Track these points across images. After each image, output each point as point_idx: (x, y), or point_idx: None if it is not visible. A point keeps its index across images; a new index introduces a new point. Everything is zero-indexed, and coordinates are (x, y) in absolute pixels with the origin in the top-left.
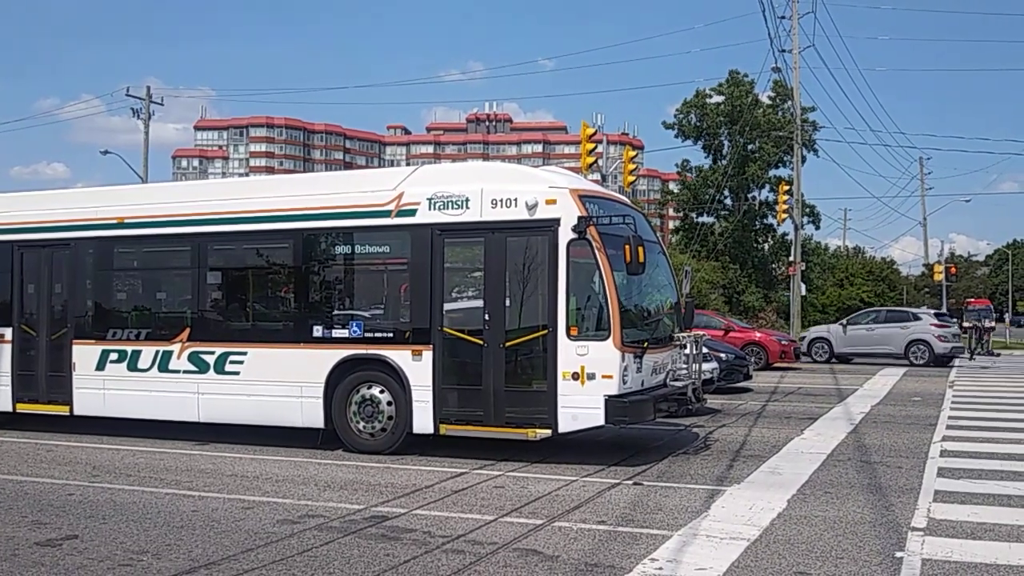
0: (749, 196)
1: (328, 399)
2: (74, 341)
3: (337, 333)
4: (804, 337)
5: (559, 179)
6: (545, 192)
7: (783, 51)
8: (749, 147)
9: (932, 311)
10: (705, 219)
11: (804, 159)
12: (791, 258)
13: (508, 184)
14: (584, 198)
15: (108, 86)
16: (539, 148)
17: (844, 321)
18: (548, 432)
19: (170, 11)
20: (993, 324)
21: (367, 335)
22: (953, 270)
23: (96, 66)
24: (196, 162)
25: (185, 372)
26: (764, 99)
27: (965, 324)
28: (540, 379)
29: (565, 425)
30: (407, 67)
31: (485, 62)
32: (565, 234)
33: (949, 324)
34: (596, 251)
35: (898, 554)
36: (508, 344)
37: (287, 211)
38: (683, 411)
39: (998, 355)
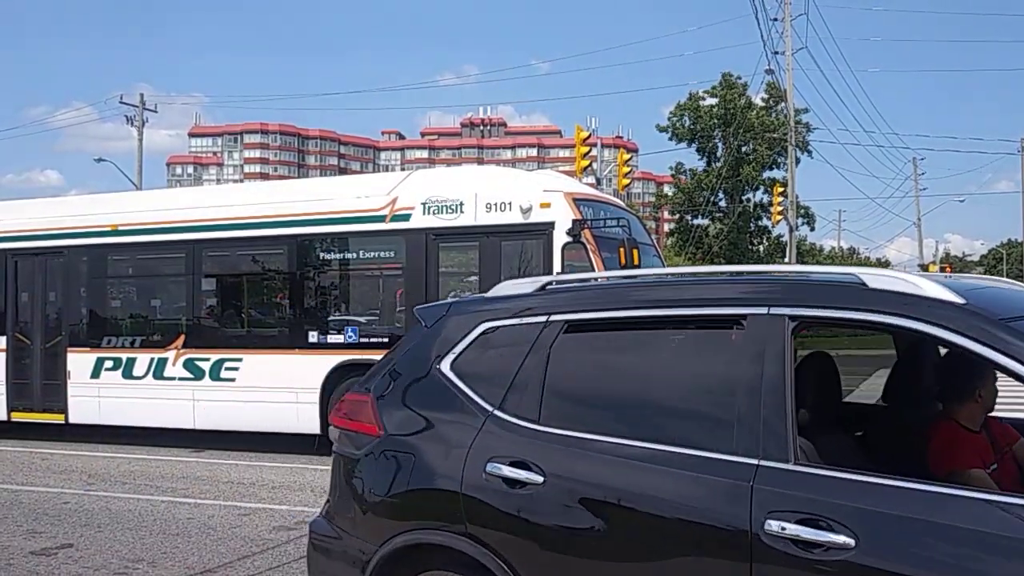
0: (743, 198)
1: (324, 405)
2: (69, 349)
3: (332, 338)
4: None
5: (553, 182)
6: (539, 196)
7: (776, 53)
8: (743, 149)
9: None
10: (700, 221)
11: (798, 160)
12: (786, 260)
13: (502, 188)
14: (578, 201)
15: (100, 93)
16: (534, 152)
17: None
18: None
19: (161, 17)
20: None
21: (363, 340)
22: (948, 270)
23: (87, 73)
24: (191, 169)
25: (180, 379)
26: (758, 101)
27: None
28: None
29: None
30: (401, 72)
31: (479, 66)
32: (560, 237)
33: None
34: (591, 254)
35: None
36: None
37: (281, 217)
38: None
39: None
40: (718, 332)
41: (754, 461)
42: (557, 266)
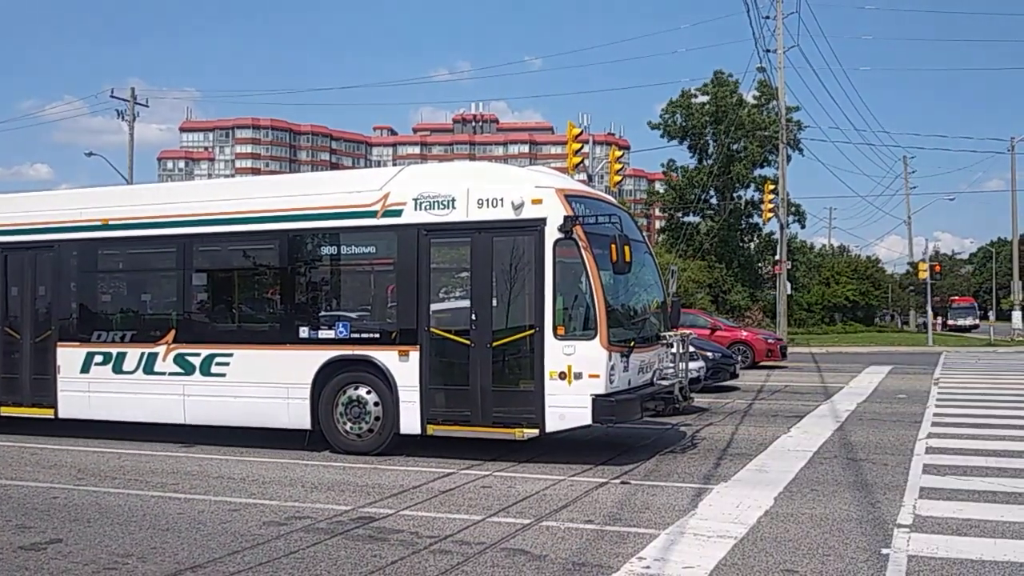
0: (735, 196)
1: (315, 400)
2: (59, 343)
3: (323, 334)
4: None
5: (545, 179)
6: (531, 192)
7: (768, 51)
8: (734, 147)
9: None
10: (691, 219)
11: (789, 158)
12: (777, 257)
13: (494, 184)
14: (570, 197)
15: (90, 87)
16: (526, 148)
17: None
18: (535, 432)
19: (152, 11)
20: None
21: (354, 336)
22: (937, 268)
23: (77, 66)
24: (182, 164)
25: (171, 374)
26: (749, 99)
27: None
28: (527, 379)
29: (552, 424)
30: (394, 68)
31: (472, 62)
32: (551, 233)
33: None
34: (582, 250)
35: (884, 551)
36: (495, 344)
37: (273, 212)
38: (670, 410)
39: None
40: None
41: None
42: (549, 262)
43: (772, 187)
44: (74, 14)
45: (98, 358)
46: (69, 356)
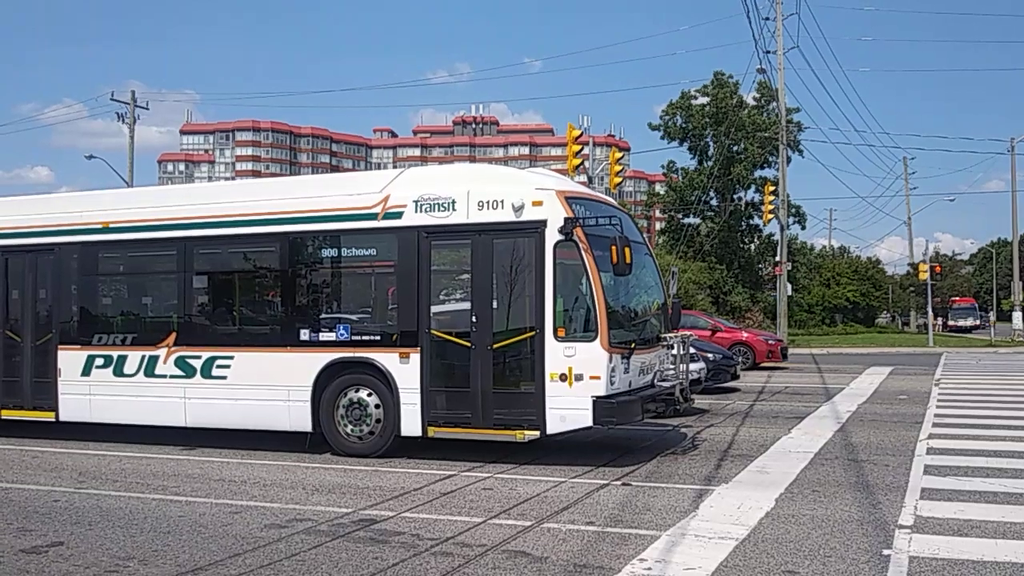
0: (735, 197)
1: (316, 402)
2: (59, 346)
3: (324, 336)
4: None
5: (545, 180)
6: (531, 194)
7: (768, 52)
8: (734, 148)
9: None
10: (691, 220)
11: (789, 160)
12: (777, 258)
13: (494, 186)
14: (570, 199)
15: (90, 90)
16: (526, 150)
17: None
18: (536, 434)
19: (151, 13)
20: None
21: (354, 338)
22: (938, 269)
23: (77, 69)
24: (182, 166)
25: (172, 377)
26: (749, 100)
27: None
28: (528, 381)
29: (553, 426)
30: (394, 70)
31: (472, 63)
32: (551, 235)
33: None
34: (583, 252)
35: (885, 552)
36: (496, 346)
37: (273, 214)
38: (671, 411)
39: None
40: None
41: None
42: (549, 264)
43: (772, 188)
44: (73, 16)
45: (99, 361)
46: (70, 359)
